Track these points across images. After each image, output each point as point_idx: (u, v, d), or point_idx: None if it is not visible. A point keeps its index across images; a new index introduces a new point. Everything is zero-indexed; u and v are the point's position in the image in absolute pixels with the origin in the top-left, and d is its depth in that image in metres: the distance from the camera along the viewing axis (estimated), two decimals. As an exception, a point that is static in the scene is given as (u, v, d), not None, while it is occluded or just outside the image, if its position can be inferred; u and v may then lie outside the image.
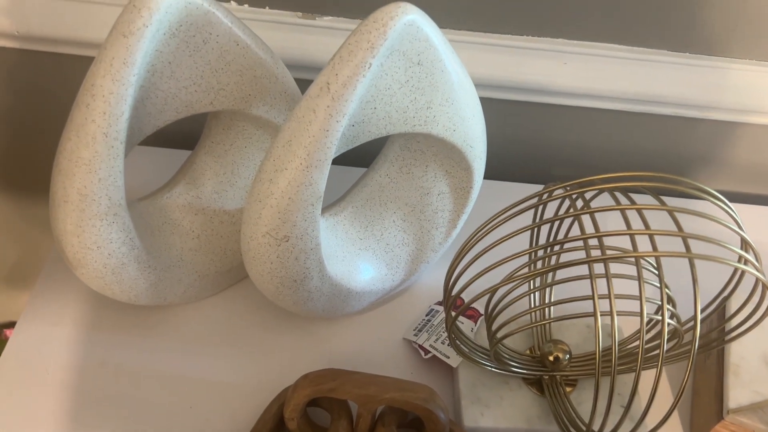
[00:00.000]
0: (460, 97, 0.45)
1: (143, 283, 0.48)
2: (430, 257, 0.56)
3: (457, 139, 0.47)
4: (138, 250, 0.46)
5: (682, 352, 0.48)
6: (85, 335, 0.53)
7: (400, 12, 0.38)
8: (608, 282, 0.37)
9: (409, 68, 0.42)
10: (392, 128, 0.44)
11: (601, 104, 0.65)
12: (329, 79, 0.39)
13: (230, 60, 0.43)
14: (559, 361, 0.50)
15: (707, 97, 0.64)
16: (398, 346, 0.55)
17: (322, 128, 0.40)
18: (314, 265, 0.46)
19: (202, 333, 0.54)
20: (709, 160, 0.72)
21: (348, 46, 0.39)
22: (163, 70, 0.41)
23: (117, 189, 0.42)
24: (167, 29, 0.39)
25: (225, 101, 0.44)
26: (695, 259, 0.37)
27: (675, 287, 0.43)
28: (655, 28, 0.60)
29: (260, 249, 0.44)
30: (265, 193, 0.42)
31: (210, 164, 0.52)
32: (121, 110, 0.39)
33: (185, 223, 0.51)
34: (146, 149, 0.64)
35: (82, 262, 0.45)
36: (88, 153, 0.39)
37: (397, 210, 0.54)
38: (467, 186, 0.52)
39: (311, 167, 0.41)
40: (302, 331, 0.55)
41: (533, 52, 0.61)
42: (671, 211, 0.39)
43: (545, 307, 0.46)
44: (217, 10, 0.40)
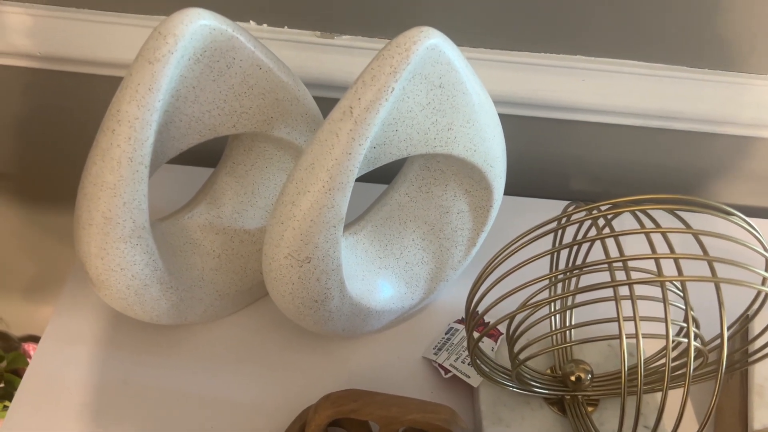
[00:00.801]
0: (480, 117, 0.45)
1: (165, 304, 0.48)
2: (449, 275, 0.56)
3: (477, 159, 0.47)
4: (160, 271, 0.46)
5: (705, 373, 0.48)
6: (107, 354, 0.53)
7: (422, 36, 0.38)
8: (633, 305, 0.37)
9: (431, 91, 0.42)
10: (413, 150, 0.44)
11: (619, 120, 0.64)
12: (352, 104, 0.39)
13: (253, 84, 0.43)
14: (581, 381, 0.49)
15: (724, 112, 0.63)
16: (418, 365, 0.55)
17: (345, 151, 0.40)
18: (335, 286, 0.46)
19: (222, 352, 0.54)
20: (724, 174, 0.71)
21: (371, 71, 0.39)
22: (187, 95, 0.41)
23: (141, 212, 0.42)
24: (192, 55, 0.39)
25: (247, 124, 0.45)
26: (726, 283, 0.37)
27: (696, 306, 0.43)
28: (672, 44, 0.60)
29: (282, 270, 0.44)
30: (287, 215, 0.42)
31: (231, 184, 0.52)
32: (146, 135, 0.39)
33: (206, 243, 0.52)
34: (167, 167, 0.64)
35: (105, 284, 0.45)
36: (113, 177, 0.40)
37: (417, 229, 0.54)
38: (487, 205, 0.52)
39: (333, 190, 0.41)
40: (321, 349, 0.55)
41: (551, 69, 0.61)
42: (696, 234, 0.38)
43: (567, 330, 0.46)
44: (240, 35, 0.41)
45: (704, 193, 0.73)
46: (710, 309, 0.42)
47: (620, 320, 0.37)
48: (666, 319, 0.37)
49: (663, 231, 0.39)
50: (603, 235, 0.39)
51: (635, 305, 0.37)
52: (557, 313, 0.49)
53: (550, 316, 0.49)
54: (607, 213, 0.40)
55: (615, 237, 0.39)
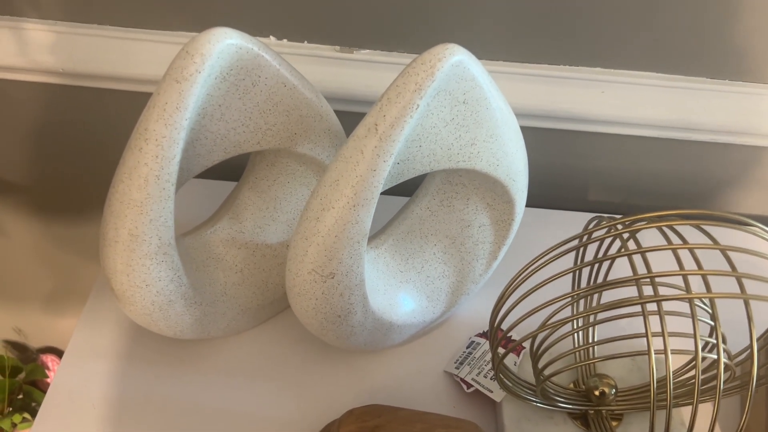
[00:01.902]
0: (503, 132, 0.45)
1: (189, 319, 0.48)
2: (470, 289, 0.56)
3: (500, 174, 0.47)
4: (185, 287, 0.46)
5: (732, 387, 0.48)
6: (129, 368, 0.54)
7: (447, 53, 0.39)
8: (662, 321, 0.37)
9: (455, 107, 0.42)
10: (437, 165, 0.44)
11: (638, 131, 0.64)
12: (377, 120, 0.39)
13: (278, 101, 0.43)
14: (606, 396, 0.49)
15: (744, 123, 0.63)
16: (440, 379, 0.55)
17: (370, 168, 0.40)
18: (358, 301, 0.46)
19: (244, 366, 0.54)
20: (744, 184, 0.71)
21: (396, 88, 0.39)
22: (213, 113, 0.41)
23: (167, 229, 0.42)
24: (218, 74, 0.39)
25: (272, 140, 0.45)
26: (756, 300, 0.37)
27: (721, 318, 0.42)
28: (691, 56, 0.60)
29: (305, 285, 0.44)
30: (311, 231, 0.43)
31: (253, 199, 0.52)
32: (173, 154, 0.39)
33: (228, 257, 0.52)
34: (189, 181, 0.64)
35: (130, 300, 0.45)
36: (140, 195, 0.40)
37: (438, 242, 0.54)
38: (509, 218, 0.52)
39: (358, 206, 0.41)
40: (343, 363, 0.55)
41: (571, 81, 0.61)
42: (724, 249, 0.38)
43: (592, 346, 0.46)
44: (266, 53, 0.41)
45: (724, 203, 0.73)
46: (733, 322, 0.42)
47: (649, 336, 0.37)
48: (695, 336, 0.37)
49: (690, 247, 0.39)
50: (630, 252, 0.39)
51: (663, 321, 0.37)
52: (581, 329, 0.49)
53: (574, 333, 0.48)
54: (634, 229, 0.40)
55: (642, 253, 0.39)
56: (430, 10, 0.58)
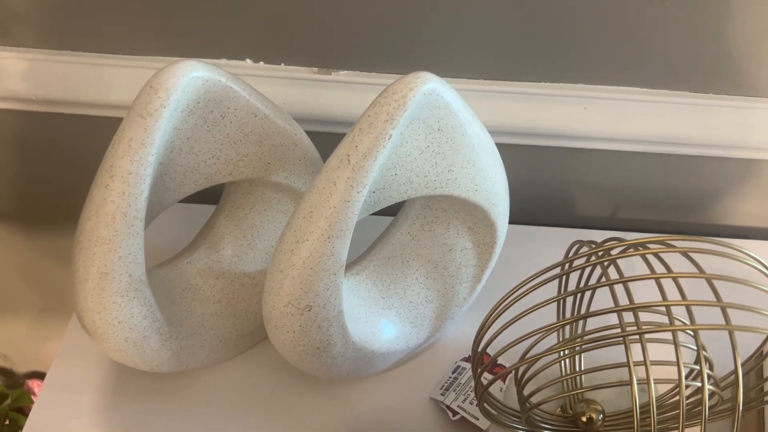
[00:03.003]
0: (481, 158, 0.44)
1: (165, 353, 0.47)
2: (455, 312, 0.55)
3: (479, 199, 0.46)
4: (159, 322, 0.45)
5: (720, 411, 0.47)
6: (109, 402, 0.52)
7: (419, 82, 0.38)
8: (644, 352, 0.36)
9: (430, 134, 0.41)
10: (414, 192, 0.43)
11: (623, 146, 0.63)
12: (349, 151, 0.39)
13: (249, 131, 0.42)
14: (593, 422, 0.48)
15: (731, 137, 0.62)
16: (425, 406, 0.54)
17: (343, 199, 0.39)
18: (337, 332, 0.45)
19: (226, 397, 0.53)
20: (735, 197, 0.70)
21: (368, 118, 0.38)
22: (182, 147, 0.40)
23: (137, 265, 0.41)
24: (185, 107, 0.38)
25: (245, 171, 0.44)
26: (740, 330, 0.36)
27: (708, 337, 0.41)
28: (674, 70, 0.59)
29: (282, 318, 0.43)
30: (286, 264, 0.42)
31: (230, 228, 0.51)
32: (140, 190, 0.38)
33: (206, 288, 0.51)
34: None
35: (103, 337, 0.44)
36: (108, 232, 0.39)
37: (420, 267, 0.53)
38: (491, 241, 0.51)
39: (333, 238, 0.40)
40: (327, 392, 0.54)
41: (552, 98, 0.60)
42: (709, 278, 0.37)
43: (577, 375, 0.45)
44: (234, 84, 0.40)
45: (716, 215, 0.72)
46: (721, 342, 0.41)
47: (630, 367, 0.36)
48: (678, 366, 0.36)
49: (674, 276, 0.38)
50: (611, 282, 0.38)
51: (646, 352, 0.36)
52: (565, 358, 0.48)
53: (559, 361, 0.48)
54: (615, 257, 0.39)
55: (624, 283, 0.38)
56: (409, 30, 0.57)
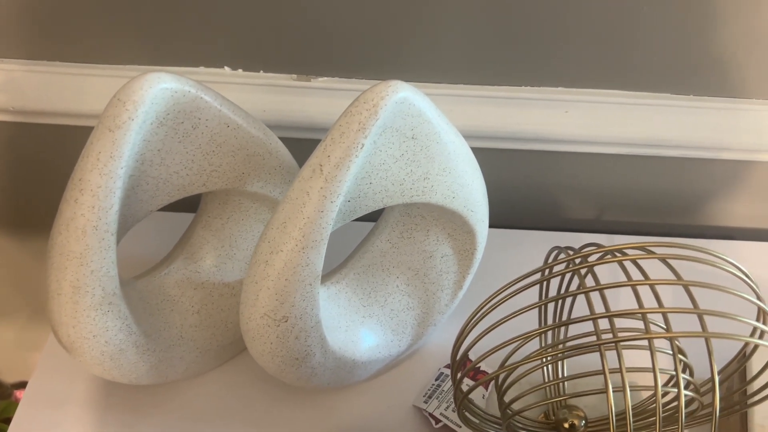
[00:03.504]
0: (457, 165, 0.44)
1: (143, 366, 0.47)
2: (437, 319, 0.54)
3: (457, 206, 0.46)
4: (136, 335, 0.45)
5: (702, 416, 0.46)
6: (89, 416, 0.52)
7: (390, 91, 0.37)
8: (620, 360, 0.36)
9: (404, 143, 0.41)
10: (389, 200, 0.43)
11: (606, 149, 0.63)
12: (322, 161, 0.38)
13: (221, 142, 0.42)
14: (575, 428, 0.48)
15: (713, 138, 0.62)
16: (408, 414, 0.53)
17: (317, 209, 0.39)
18: (316, 342, 0.45)
19: (207, 408, 0.53)
20: (724, 198, 0.70)
21: (339, 128, 0.38)
22: (153, 159, 0.40)
23: (110, 279, 0.41)
24: (154, 119, 0.38)
25: (218, 182, 0.44)
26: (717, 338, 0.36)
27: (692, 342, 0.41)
28: (655, 72, 0.59)
29: (259, 330, 0.43)
30: (261, 275, 0.41)
31: (208, 238, 0.51)
32: (110, 203, 0.38)
33: (184, 299, 0.50)
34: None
35: (79, 351, 0.44)
36: (79, 247, 0.39)
37: (401, 275, 0.53)
38: (471, 248, 0.51)
39: (307, 248, 0.40)
40: (309, 402, 0.54)
41: (533, 102, 0.60)
42: (686, 285, 0.37)
43: (559, 382, 0.45)
44: (205, 95, 0.40)
45: (701, 217, 0.72)
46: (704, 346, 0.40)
47: (606, 375, 0.36)
48: (654, 372, 0.35)
49: (651, 283, 0.37)
50: (587, 289, 0.37)
51: (621, 360, 0.36)
52: (547, 364, 0.47)
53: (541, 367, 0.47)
54: (591, 264, 0.38)
55: (600, 290, 0.37)
56: (388, 36, 0.57)
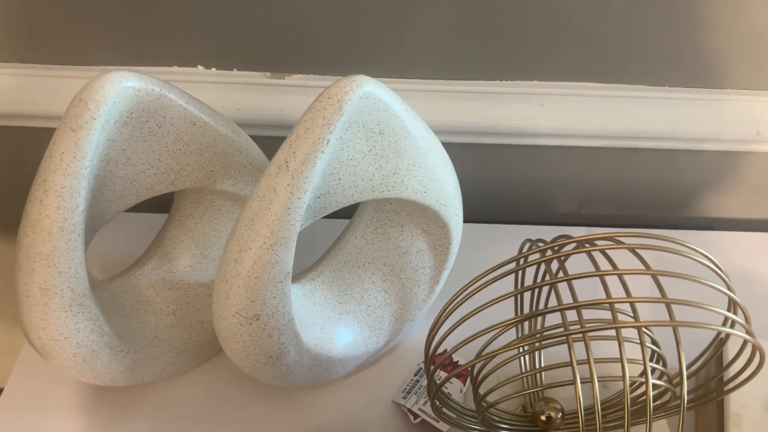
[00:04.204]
0: (428, 159, 0.44)
1: (118, 367, 0.46)
2: (414, 315, 0.54)
3: (429, 200, 0.46)
4: (108, 336, 0.44)
5: (674, 406, 0.47)
6: (66, 421, 0.52)
7: (354, 86, 0.37)
8: (588, 350, 0.36)
9: (371, 138, 0.41)
10: (360, 196, 0.43)
11: (583, 142, 0.63)
12: (287, 157, 0.38)
13: (188, 140, 0.42)
14: (552, 421, 0.48)
15: (691, 129, 0.62)
16: (388, 410, 0.53)
17: (284, 206, 0.39)
18: (289, 340, 0.45)
19: (184, 409, 0.53)
20: (699, 189, 0.70)
21: (304, 123, 0.38)
22: (118, 158, 0.40)
23: (79, 280, 0.41)
24: (118, 118, 0.38)
25: (187, 180, 0.43)
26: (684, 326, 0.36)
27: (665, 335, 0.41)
28: (629, 64, 0.59)
29: (231, 329, 0.43)
30: (231, 273, 0.41)
31: (181, 238, 0.51)
32: (75, 203, 0.38)
33: (159, 300, 0.50)
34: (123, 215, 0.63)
35: (51, 353, 0.43)
36: (46, 248, 0.38)
37: (376, 271, 0.53)
38: (446, 242, 0.51)
39: (276, 245, 0.40)
40: (288, 400, 0.54)
41: (508, 96, 0.60)
42: (655, 274, 0.37)
43: (534, 373, 0.45)
44: (169, 93, 0.39)
45: (684, 208, 0.72)
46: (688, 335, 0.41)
47: (574, 367, 0.36)
48: (622, 363, 0.35)
49: (619, 273, 0.37)
50: (555, 280, 0.37)
51: (589, 351, 0.36)
52: (521, 356, 0.47)
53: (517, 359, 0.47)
54: (558, 255, 0.38)
55: (568, 281, 0.37)
56: (361, 32, 0.56)
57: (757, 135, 0.61)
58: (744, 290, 0.59)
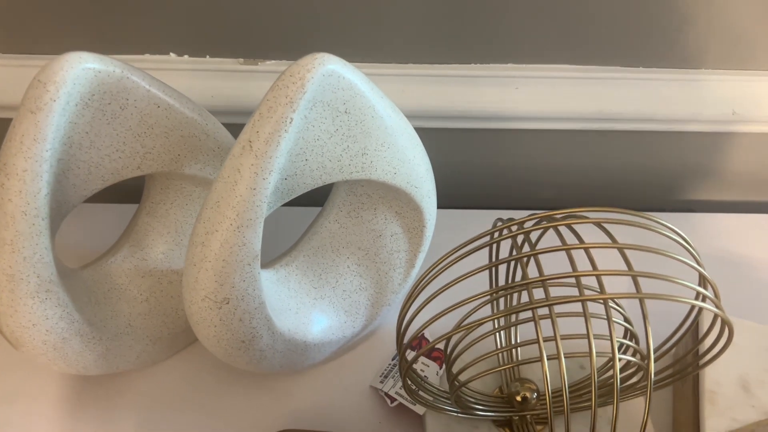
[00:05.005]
0: (396, 140, 0.44)
1: (90, 355, 0.46)
2: (391, 299, 0.54)
3: (400, 182, 0.46)
4: (78, 323, 0.44)
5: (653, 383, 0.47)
6: (39, 412, 0.51)
7: (317, 64, 0.37)
8: (554, 326, 0.36)
9: (337, 117, 0.40)
10: (328, 177, 0.43)
11: (560, 125, 0.63)
12: (251, 137, 0.38)
13: (153, 123, 0.41)
14: (527, 401, 0.48)
15: (667, 110, 0.62)
16: (365, 395, 0.53)
17: (249, 187, 0.38)
18: (261, 324, 0.45)
19: (160, 398, 0.52)
20: (677, 171, 0.70)
21: (267, 102, 0.37)
22: (82, 141, 0.39)
23: (45, 266, 0.40)
24: (79, 101, 0.37)
25: (153, 164, 0.43)
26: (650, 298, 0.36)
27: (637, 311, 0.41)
28: (603, 45, 0.59)
29: (202, 313, 0.43)
30: (199, 257, 0.41)
31: (153, 225, 0.50)
32: (37, 187, 0.37)
33: (132, 288, 0.50)
34: (97, 207, 0.62)
35: (20, 341, 0.43)
36: (9, 233, 0.38)
37: (351, 255, 0.52)
38: (419, 225, 0.51)
39: (243, 227, 0.40)
40: (265, 388, 0.53)
41: (483, 79, 0.59)
42: (621, 248, 0.37)
43: (505, 351, 0.44)
44: (132, 75, 0.39)
45: (662, 190, 0.72)
46: (664, 314, 0.41)
47: (540, 342, 0.36)
48: (589, 338, 0.35)
49: (585, 247, 0.37)
50: (521, 255, 0.37)
51: (555, 325, 0.36)
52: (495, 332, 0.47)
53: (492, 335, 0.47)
54: (524, 231, 0.38)
55: (535, 256, 0.37)
56: (334, 16, 0.56)
57: (732, 115, 0.61)
58: (724, 272, 0.59)
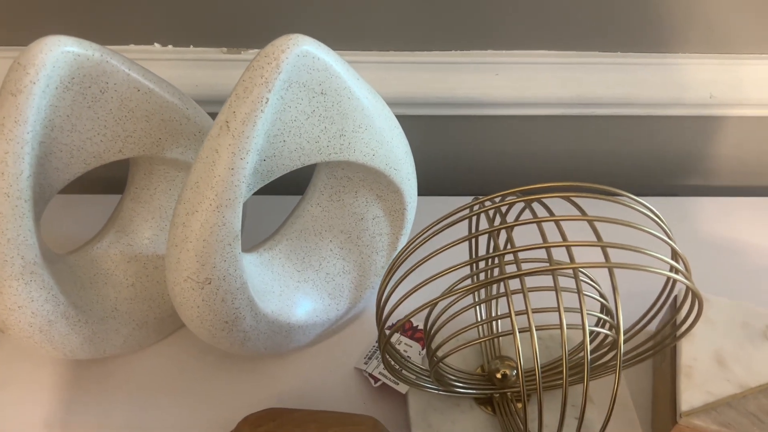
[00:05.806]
0: (374, 122, 0.45)
1: (76, 339, 0.47)
2: (374, 282, 0.55)
3: (378, 164, 0.47)
4: (64, 306, 0.45)
5: (629, 358, 0.47)
6: (27, 396, 0.52)
7: (291, 44, 0.38)
8: (525, 298, 0.36)
9: (313, 98, 0.41)
10: (307, 159, 0.44)
11: (540, 111, 0.64)
12: (228, 118, 0.39)
13: (133, 107, 0.42)
14: (507, 378, 0.49)
15: (643, 95, 0.63)
16: (350, 377, 0.54)
17: (227, 167, 0.39)
18: (244, 305, 0.45)
19: (148, 382, 0.53)
20: (658, 155, 0.71)
21: (243, 83, 0.38)
22: (63, 125, 0.40)
23: (29, 247, 0.41)
24: (59, 84, 0.38)
25: (135, 148, 0.44)
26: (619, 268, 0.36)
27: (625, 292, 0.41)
28: (581, 31, 0.60)
29: (184, 294, 0.43)
30: (180, 238, 0.42)
31: (138, 210, 0.51)
32: (19, 169, 0.38)
33: (118, 272, 0.51)
34: (83, 198, 0.63)
35: (6, 324, 0.44)
36: (-8, 215, 0.39)
37: (334, 238, 0.53)
38: (400, 208, 0.51)
39: (222, 207, 0.40)
40: (251, 371, 0.54)
41: (463, 66, 0.60)
42: (591, 220, 0.38)
43: (481, 324, 0.45)
44: (111, 59, 0.40)
45: (643, 175, 0.73)
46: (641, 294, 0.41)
47: (512, 316, 0.36)
48: (559, 311, 0.36)
49: (556, 219, 0.38)
50: (493, 228, 0.38)
51: (526, 297, 0.36)
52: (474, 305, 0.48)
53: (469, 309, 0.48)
54: (499, 205, 0.39)
55: (507, 229, 0.38)
56: (316, 5, 0.57)
57: (710, 98, 0.62)
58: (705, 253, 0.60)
